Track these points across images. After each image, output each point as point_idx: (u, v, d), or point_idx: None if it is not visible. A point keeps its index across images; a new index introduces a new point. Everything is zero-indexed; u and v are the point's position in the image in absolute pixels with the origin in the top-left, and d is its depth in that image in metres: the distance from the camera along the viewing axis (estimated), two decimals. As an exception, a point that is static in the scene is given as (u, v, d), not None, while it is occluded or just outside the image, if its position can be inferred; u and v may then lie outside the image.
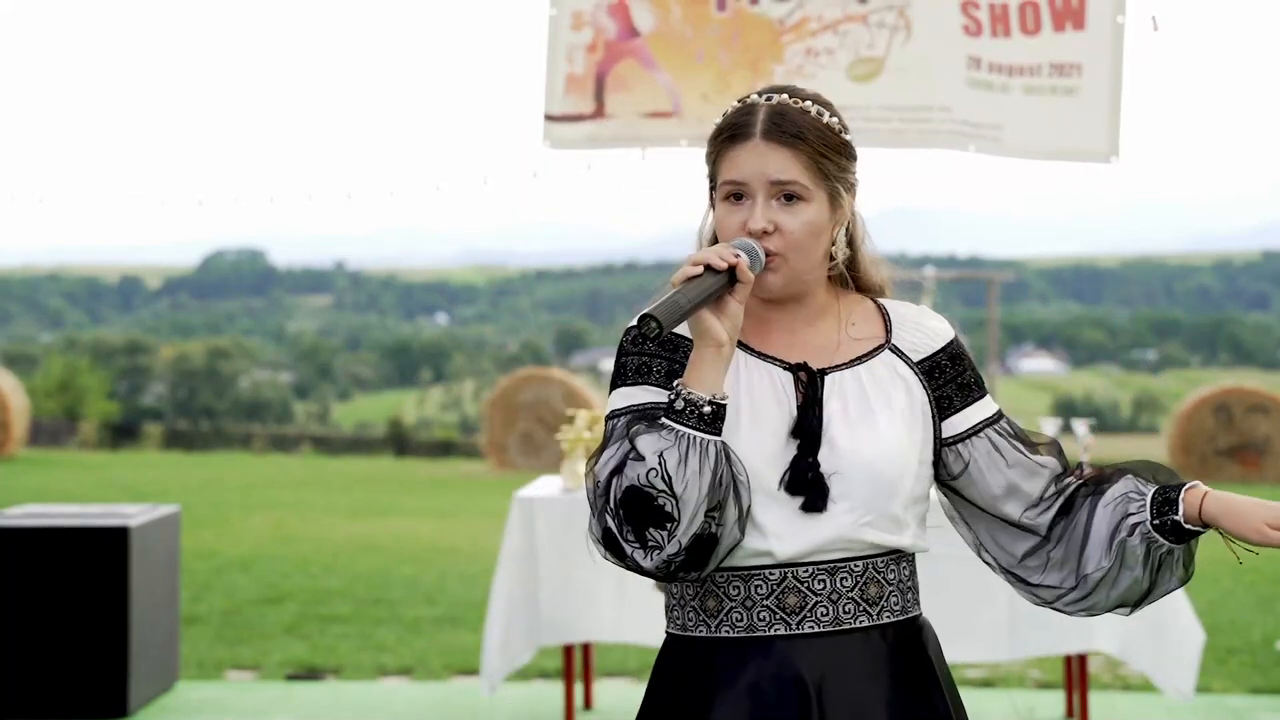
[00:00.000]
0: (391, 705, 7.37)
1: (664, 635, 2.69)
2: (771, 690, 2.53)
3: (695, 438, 2.46)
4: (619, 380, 2.60)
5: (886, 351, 2.65)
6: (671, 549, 2.46)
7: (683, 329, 2.56)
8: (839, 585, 2.56)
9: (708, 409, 2.47)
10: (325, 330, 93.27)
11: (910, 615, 2.65)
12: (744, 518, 2.50)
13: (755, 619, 2.55)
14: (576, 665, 6.95)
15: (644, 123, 6.48)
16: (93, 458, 27.32)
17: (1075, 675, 6.81)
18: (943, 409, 2.66)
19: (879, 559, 2.59)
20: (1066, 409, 54.85)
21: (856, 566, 2.57)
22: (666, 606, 2.66)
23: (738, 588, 2.55)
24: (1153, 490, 2.61)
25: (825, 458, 2.54)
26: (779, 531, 2.53)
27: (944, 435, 2.67)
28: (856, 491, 2.54)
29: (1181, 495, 2.58)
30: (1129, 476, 2.65)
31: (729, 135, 2.62)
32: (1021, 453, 2.71)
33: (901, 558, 2.63)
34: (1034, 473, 2.71)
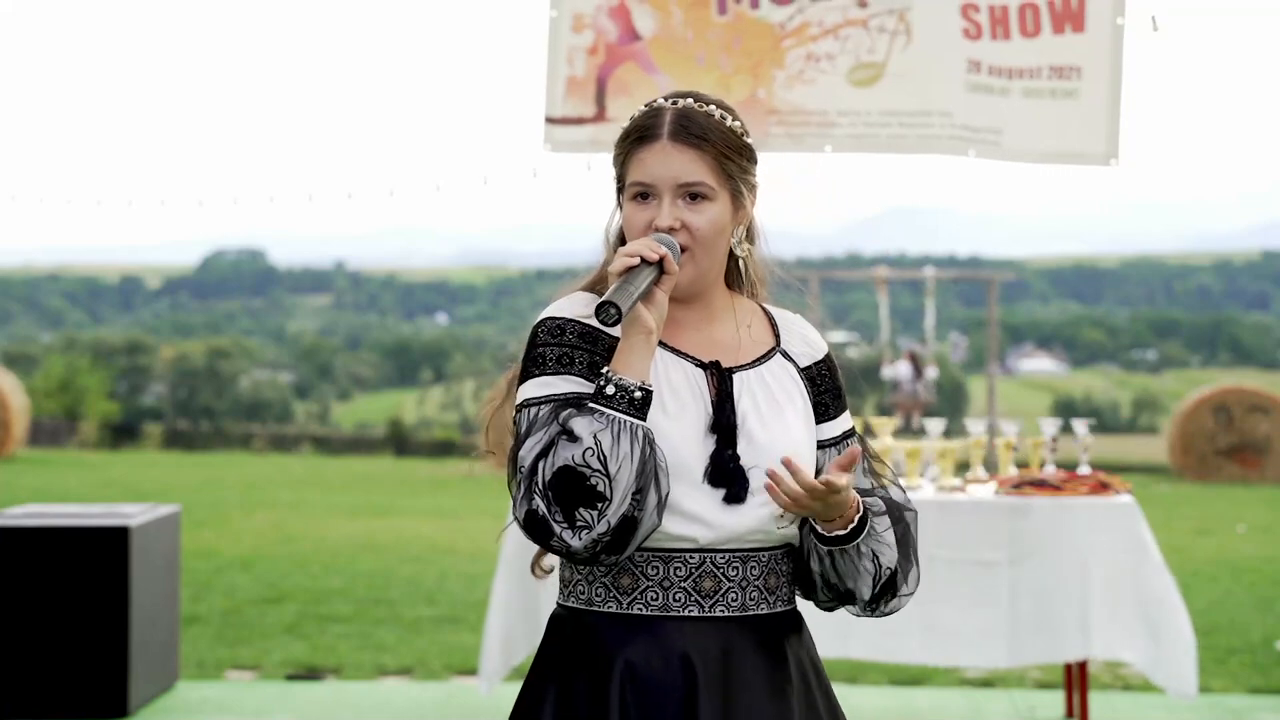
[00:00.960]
0: (391, 705, 7.38)
1: (555, 609, 2.78)
2: (679, 664, 2.64)
3: (626, 421, 2.58)
4: (535, 369, 2.69)
5: (779, 355, 2.81)
6: (601, 528, 2.56)
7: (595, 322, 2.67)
8: (749, 573, 2.70)
9: (638, 394, 2.60)
10: (325, 330, 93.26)
11: (792, 606, 2.79)
12: (662, 504, 2.61)
13: (670, 599, 2.66)
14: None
15: (644, 125, 6.48)
16: (93, 458, 27.31)
17: (1075, 675, 6.82)
18: (819, 414, 2.81)
19: (779, 551, 2.74)
20: (1066, 409, 54.85)
21: (764, 557, 2.71)
22: (565, 581, 2.74)
23: (656, 568, 2.66)
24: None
25: (744, 451, 2.67)
26: (704, 519, 2.65)
27: (819, 439, 2.81)
28: (762, 482, 2.66)
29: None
30: (870, 498, 2.77)
31: (637, 137, 2.73)
32: (870, 469, 2.84)
33: (791, 552, 2.77)
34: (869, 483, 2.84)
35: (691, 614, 2.66)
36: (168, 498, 15.61)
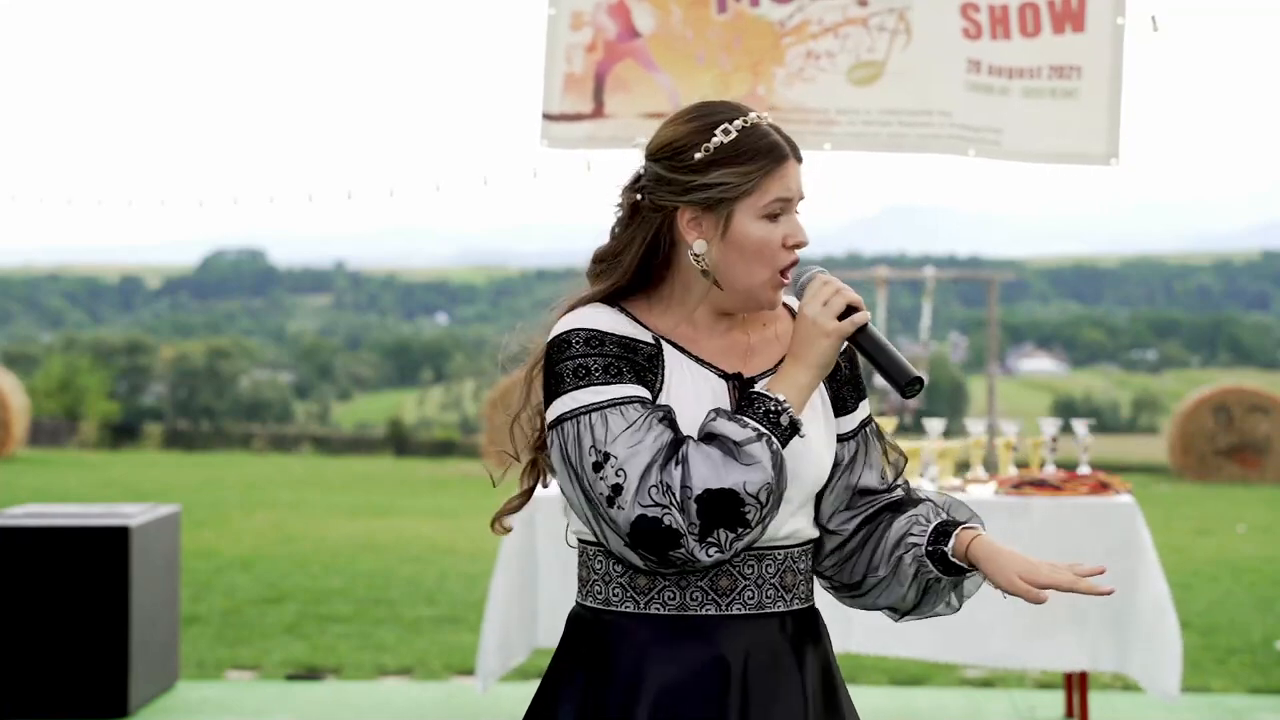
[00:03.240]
0: (391, 705, 7.38)
1: (574, 608, 2.77)
2: (700, 666, 2.64)
3: (783, 457, 2.59)
4: (579, 380, 2.64)
5: None
6: (730, 552, 2.56)
7: (637, 331, 2.68)
8: (764, 571, 2.70)
9: (802, 435, 2.65)
10: (325, 330, 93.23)
11: (810, 603, 2.78)
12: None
13: (688, 598, 2.66)
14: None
15: (643, 123, 6.48)
16: (93, 458, 27.31)
17: (1075, 675, 6.81)
18: (838, 409, 2.81)
19: (795, 549, 2.74)
20: (1066, 409, 54.84)
21: (779, 555, 2.71)
22: (582, 580, 2.74)
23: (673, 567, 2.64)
24: (939, 520, 2.76)
25: None
26: None
27: (839, 433, 2.82)
28: (791, 491, 2.67)
29: (956, 532, 2.73)
30: (928, 503, 2.80)
31: (779, 154, 2.71)
32: (889, 462, 2.85)
33: (808, 549, 2.77)
34: (885, 482, 2.84)
35: (709, 612, 2.66)
36: (168, 498, 15.60)
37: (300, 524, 14.86)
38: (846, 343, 2.72)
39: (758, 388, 2.64)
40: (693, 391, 2.67)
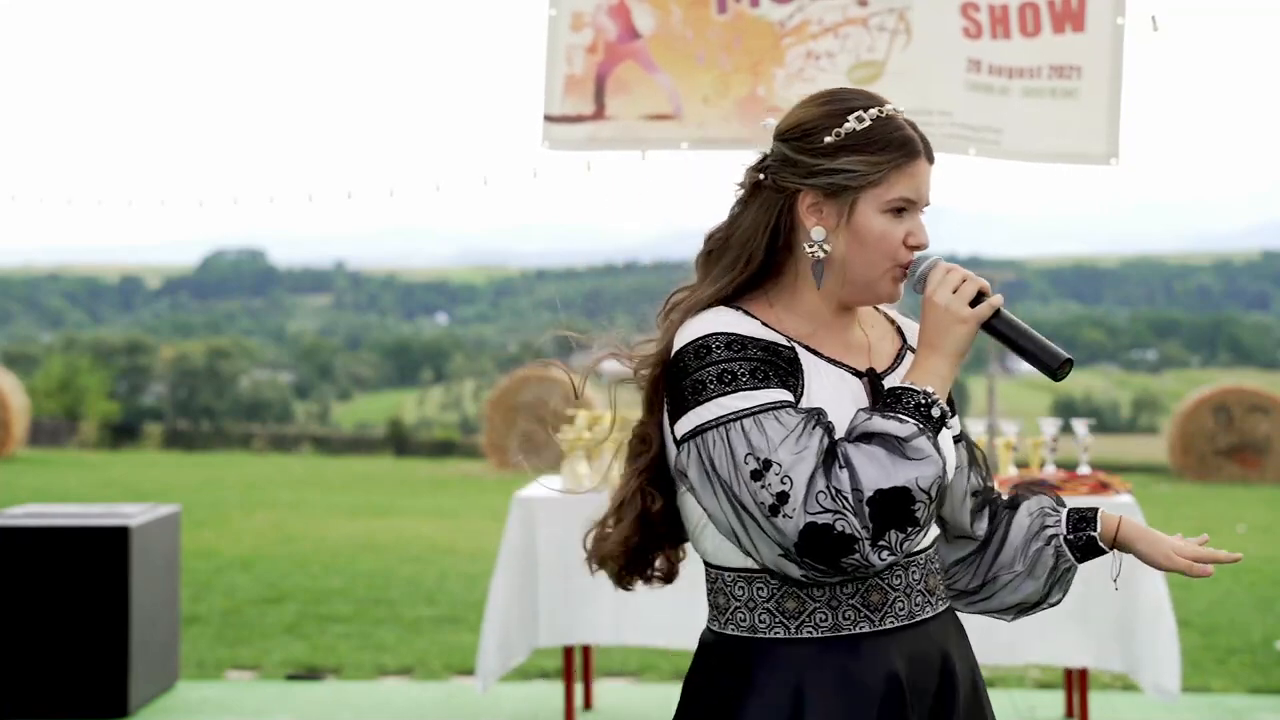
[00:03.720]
0: (391, 705, 7.37)
1: (706, 635, 2.67)
2: (868, 687, 2.54)
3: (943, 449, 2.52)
4: (726, 386, 2.52)
5: (909, 354, 2.72)
6: (901, 554, 2.47)
7: (768, 334, 2.58)
8: (911, 579, 2.61)
9: (954, 430, 2.60)
10: (325, 330, 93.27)
11: (949, 604, 2.73)
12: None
13: (840, 618, 2.56)
14: (576, 665, 6.95)
15: (644, 125, 6.48)
16: (93, 458, 27.31)
17: (1075, 675, 6.81)
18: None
19: (930, 550, 2.67)
20: (1066, 409, 54.84)
21: (920, 559, 2.63)
22: (720, 608, 2.63)
23: (822, 589, 2.55)
24: (1067, 509, 2.76)
25: None
26: None
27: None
28: None
29: (1098, 516, 2.74)
30: (1041, 495, 2.78)
31: (911, 150, 2.63)
32: (979, 462, 2.81)
33: (935, 550, 2.71)
34: (983, 482, 2.81)
35: (863, 630, 2.56)
36: (168, 498, 15.61)
37: (300, 524, 14.86)
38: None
39: (901, 382, 2.56)
40: (833, 392, 2.58)
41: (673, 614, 6.28)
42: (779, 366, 2.54)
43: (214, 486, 19.43)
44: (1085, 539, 2.71)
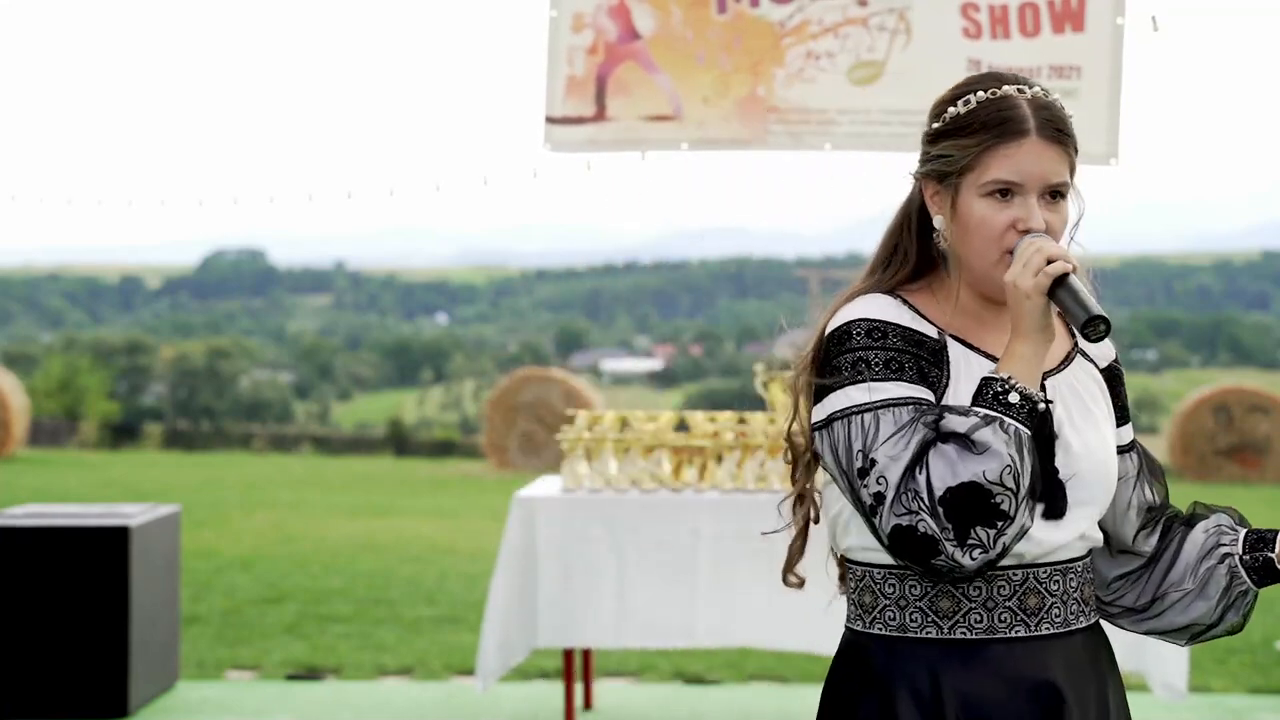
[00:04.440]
0: (391, 705, 7.38)
1: (848, 636, 2.60)
2: (1028, 694, 2.49)
3: (1026, 435, 2.42)
4: (859, 374, 2.48)
5: (1079, 356, 2.65)
6: (997, 550, 2.40)
7: (919, 324, 2.52)
8: (1068, 586, 2.55)
9: (1041, 406, 2.45)
10: (325, 330, 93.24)
11: (1097, 617, 2.66)
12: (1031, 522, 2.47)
13: (996, 620, 2.50)
14: (577, 666, 6.95)
15: (645, 126, 6.48)
16: (93, 458, 27.30)
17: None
18: (1116, 419, 2.68)
19: (1088, 559, 2.60)
20: (1066, 409, 54.78)
21: (1078, 567, 2.57)
22: (866, 606, 2.56)
23: (979, 588, 2.49)
24: (1245, 530, 2.66)
25: (1060, 461, 2.51)
26: (1029, 533, 2.48)
27: (1118, 443, 2.67)
28: (1088, 495, 2.54)
29: (1278, 537, 2.62)
30: (1222, 513, 2.69)
31: (1001, 131, 2.53)
32: (1155, 476, 2.72)
33: (1091, 560, 2.64)
34: (1154, 497, 2.71)
35: (1018, 634, 2.50)
36: (168, 498, 15.60)
37: (300, 524, 14.87)
38: (1116, 356, 2.66)
39: (987, 373, 2.48)
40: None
41: (674, 615, 6.27)
42: (919, 356, 2.49)
43: (214, 486, 19.43)
44: (1262, 560, 2.60)
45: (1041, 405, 2.44)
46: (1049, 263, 2.46)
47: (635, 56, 6.49)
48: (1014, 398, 2.42)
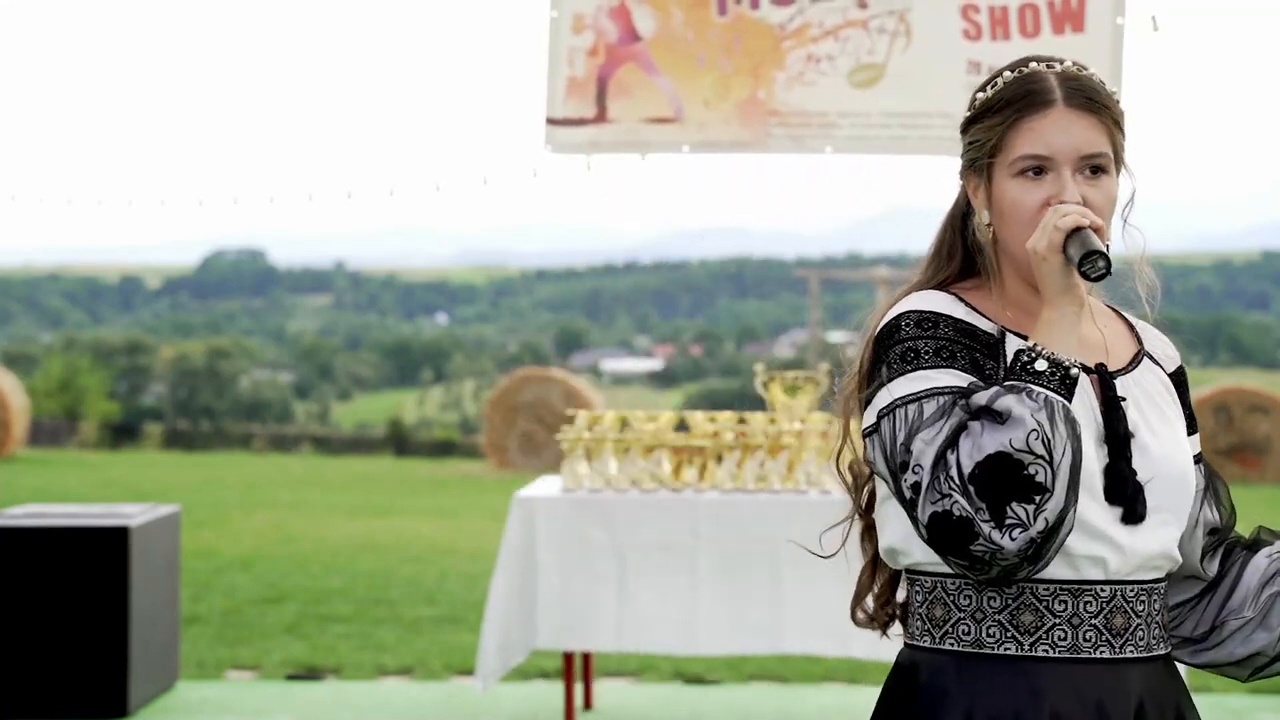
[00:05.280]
0: (391, 705, 7.38)
1: (908, 655, 2.43)
2: (1116, 718, 2.33)
3: (1059, 402, 2.25)
4: (908, 364, 2.33)
5: (1146, 358, 2.52)
6: (1038, 526, 2.21)
7: (975, 319, 2.39)
8: (1152, 609, 2.39)
9: (1074, 371, 2.28)
10: (325, 330, 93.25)
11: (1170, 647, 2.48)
12: (1075, 505, 2.27)
13: (1081, 638, 2.33)
14: (577, 666, 6.96)
15: (645, 128, 6.49)
16: (93, 458, 27.31)
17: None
18: (1188, 426, 2.53)
19: (1165, 584, 2.44)
20: (1066, 409, 54.80)
21: (1160, 589, 2.41)
22: (937, 620, 2.38)
23: (1064, 602, 2.33)
24: None
25: (1138, 464, 2.37)
26: (1110, 537, 2.34)
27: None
28: (1168, 501, 2.39)
29: None
30: None
31: (1024, 104, 2.39)
32: (1221, 497, 2.58)
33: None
34: (1220, 520, 2.58)
35: (1103, 655, 2.33)
36: (168, 498, 15.59)
37: (300, 524, 14.87)
38: (1182, 362, 2.53)
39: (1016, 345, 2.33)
40: None
41: (674, 617, 6.27)
42: (971, 347, 2.35)
43: (214, 486, 19.43)
44: None
45: (1075, 371, 2.28)
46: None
47: (636, 58, 6.50)
48: (1041, 365, 2.27)
